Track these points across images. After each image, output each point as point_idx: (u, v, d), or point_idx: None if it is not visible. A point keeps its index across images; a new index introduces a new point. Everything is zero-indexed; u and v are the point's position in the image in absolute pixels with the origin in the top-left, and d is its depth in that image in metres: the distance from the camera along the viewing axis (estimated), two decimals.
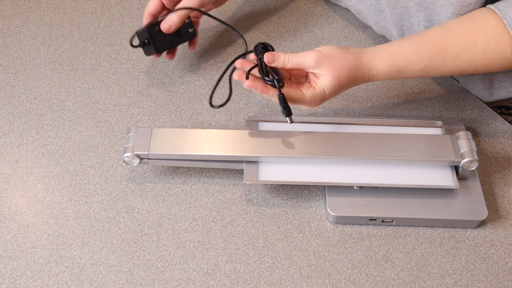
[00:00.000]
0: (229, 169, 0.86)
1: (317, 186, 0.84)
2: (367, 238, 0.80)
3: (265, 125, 0.87)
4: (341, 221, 0.81)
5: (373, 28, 1.06)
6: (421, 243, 0.79)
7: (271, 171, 0.81)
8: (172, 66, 1.01)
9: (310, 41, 1.06)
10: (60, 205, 0.83)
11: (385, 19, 1.00)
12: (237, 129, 0.92)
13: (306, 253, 0.78)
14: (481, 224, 0.81)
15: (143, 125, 0.93)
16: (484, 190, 0.84)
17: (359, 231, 0.80)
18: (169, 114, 0.94)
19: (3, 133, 0.91)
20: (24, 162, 0.88)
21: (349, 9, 1.10)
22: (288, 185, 0.85)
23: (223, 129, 0.92)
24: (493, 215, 0.82)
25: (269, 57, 0.79)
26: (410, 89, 0.98)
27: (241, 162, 0.82)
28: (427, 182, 0.80)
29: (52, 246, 0.78)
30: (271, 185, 0.85)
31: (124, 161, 0.82)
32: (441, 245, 0.79)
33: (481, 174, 0.86)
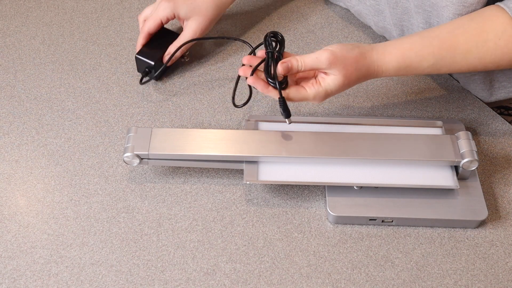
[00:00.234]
0: (229, 169, 0.86)
1: (317, 186, 0.84)
2: (367, 238, 0.80)
3: (265, 125, 0.87)
4: (341, 221, 0.81)
5: (373, 28, 1.06)
6: (421, 243, 0.79)
7: (271, 171, 0.81)
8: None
9: (310, 41, 1.06)
10: (60, 205, 0.83)
11: (385, 20, 1.00)
12: (237, 129, 0.92)
13: (306, 253, 0.78)
14: (481, 224, 0.81)
15: (143, 125, 0.93)
16: (484, 190, 0.84)
17: (359, 231, 0.80)
18: (169, 114, 0.94)
19: (3, 133, 0.91)
20: (24, 162, 0.88)
21: (349, 10, 1.10)
22: (288, 185, 0.85)
23: (223, 129, 0.92)
24: (493, 215, 0.82)
25: (284, 68, 0.77)
26: (410, 89, 0.98)
27: (241, 162, 0.82)
28: (427, 182, 0.80)
29: (52, 246, 0.78)
30: (271, 185, 0.85)
31: (124, 161, 0.82)
32: (441, 245, 0.79)
33: (481, 174, 0.86)
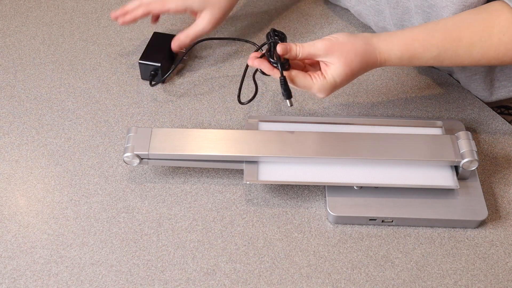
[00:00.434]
0: (229, 169, 0.86)
1: (317, 186, 0.84)
2: (367, 238, 0.80)
3: (265, 125, 0.87)
4: (341, 221, 0.81)
5: (373, 28, 1.06)
6: (421, 243, 0.79)
7: (271, 171, 0.81)
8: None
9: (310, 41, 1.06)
10: (60, 205, 0.83)
11: (385, 20, 1.00)
12: (237, 129, 0.92)
13: (306, 253, 0.78)
14: (481, 224, 0.81)
15: (143, 125, 0.93)
16: (484, 190, 0.84)
17: (359, 231, 0.80)
18: (169, 114, 0.94)
19: (3, 133, 0.91)
20: (24, 162, 0.88)
21: (348, 10, 1.10)
22: (288, 185, 0.85)
23: (223, 129, 0.92)
24: (493, 215, 0.82)
25: (283, 49, 0.78)
26: (410, 89, 0.98)
27: (241, 162, 0.82)
28: (427, 182, 0.80)
29: (52, 246, 0.78)
30: (271, 185, 0.85)
31: (124, 161, 0.82)
32: (441, 245, 0.79)
33: (481, 174, 0.86)
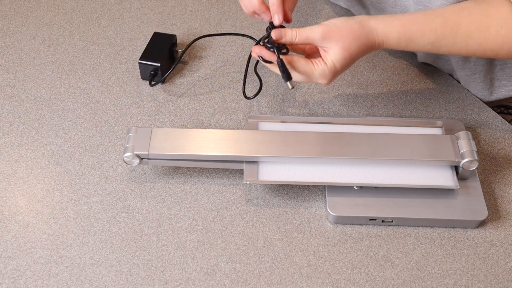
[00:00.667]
0: (229, 169, 0.86)
1: (317, 186, 0.84)
2: (367, 238, 0.80)
3: (265, 125, 0.87)
4: (341, 221, 0.81)
5: None
6: (421, 243, 0.79)
7: (271, 171, 0.81)
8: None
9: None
10: (60, 205, 0.83)
11: None
12: (237, 129, 0.92)
13: (306, 253, 0.78)
14: (481, 224, 0.81)
15: (143, 125, 0.93)
16: (484, 190, 0.84)
17: (359, 231, 0.80)
18: (169, 114, 0.94)
19: (3, 133, 0.91)
20: (24, 162, 0.88)
21: (349, 9, 1.10)
22: (288, 185, 0.85)
23: (223, 129, 0.92)
24: (493, 215, 0.82)
25: (277, 34, 0.78)
26: (410, 89, 0.98)
27: (241, 162, 0.82)
28: (427, 182, 0.80)
29: (52, 246, 0.78)
30: (271, 185, 0.85)
31: (124, 161, 0.82)
32: (441, 245, 0.79)
33: (481, 174, 0.86)
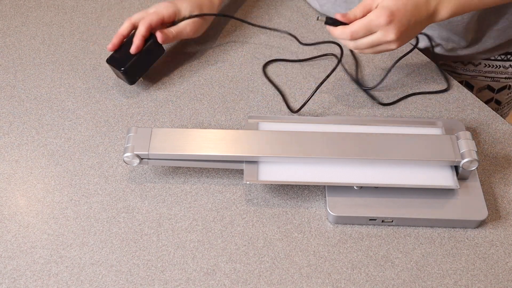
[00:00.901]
0: (229, 169, 0.86)
1: (317, 186, 0.84)
2: (367, 238, 0.80)
3: (265, 125, 0.87)
4: (341, 221, 0.81)
5: None
6: (421, 243, 0.79)
7: (271, 171, 0.81)
8: (172, 66, 1.01)
9: (311, 41, 1.06)
10: (60, 205, 0.83)
11: None
12: (237, 129, 0.92)
13: (306, 253, 0.78)
14: (481, 224, 0.81)
15: (143, 125, 0.93)
16: (484, 190, 0.84)
17: (359, 231, 0.80)
18: (169, 114, 0.94)
19: (3, 133, 0.91)
20: (24, 162, 0.88)
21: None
22: (288, 185, 0.85)
23: (223, 129, 0.92)
24: (493, 215, 0.82)
25: (342, 15, 0.83)
26: (410, 89, 0.98)
27: (241, 162, 0.82)
28: (427, 182, 0.80)
29: (52, 246, 0.78)
30: (271, 185, 0.85)
31: (124, 161, 0.82)
32: (441, 245, 0.79)
33: (481, 174, 0.86)
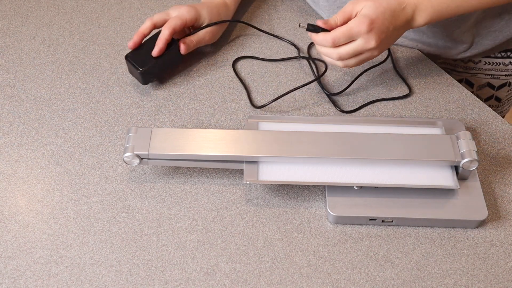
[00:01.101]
0: (229, 169, 0.86)
1: (317, 186, 0.84)
2: (367, 238, 0.80)
3: (265, 125, 0.87)
4: (341, 221, 0.81)
5: None
6: (421, 243, 0.79)
7: (271, 171, 0.81)
8: (172, 66, 1.01)
9: (311, 41, 1.06)
10: (60, 205, 0.83)
11: None
12: (237, 129, 0.92)
13: (306, 253, 0.78)
14: (481, 224, 0.81)
15: (143, 125, 0.93)
16: (484, 190, 0.84)
17: (359, 231, 0.80)
18: (169, 114, 0.94)
19: (3, 133, 0.91)
20: (24, 162, 0.88)
21: None
22: (288, 185, 0.85)
23: (223, 129, 0.92)
24: (493, 215, 0.82)
25: (324, 22, 0.84)
26: (410, 89, 0.98)
27: (241, 162, 0.82)
28: (427, 182, 0.80)
29: (52, 246, 0.78)
30: (271, 185, 0.85)
31: (124, 161, 0.82)
32: (441, 245, 0.79)
33: (481, 174, 0.86)
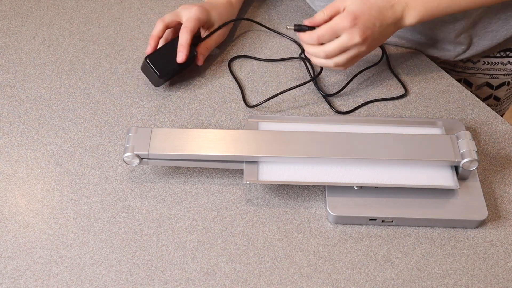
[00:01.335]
0: (229, 169, 0.86)
1: (317, 186, 0.84)
2: (367, 238, 0.80)
3: (265, 125, 0.87)
4: (341, 221, 0.81)
5: None
6: (421, 243, 0.79)
7: (271, 171, 0.81)
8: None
9: None
10: (60, 205, 0.83)
11: None
12: (237, 129, 0.92)
13: (306, 253, 0.78)
14: (481, 224, 0.81)
15: (143, 125, 0.93)
16: (484, 190, 0.84)
17: (359, 231, 0.80)
18: (169, 114, 0.94)
19: (3, 133, 0.91)
20: (24, 162, 0.88)
21: None
22: (288, 185, 0.85)
23: (223, 129, 0.92)
24: (493, 215, 0.82)
25: (310, 20, 0.86)
26: (410, 89, 0.98)
27: (241, 162, 0.82)
28: (427, 182, 0.80)
29: (52, 246, 0.78)
30: (271, 185, 0.85)
31: (124, 161, 0.82)
32: (441, 245, 0.79)
33: (481, 174, 0.86)
